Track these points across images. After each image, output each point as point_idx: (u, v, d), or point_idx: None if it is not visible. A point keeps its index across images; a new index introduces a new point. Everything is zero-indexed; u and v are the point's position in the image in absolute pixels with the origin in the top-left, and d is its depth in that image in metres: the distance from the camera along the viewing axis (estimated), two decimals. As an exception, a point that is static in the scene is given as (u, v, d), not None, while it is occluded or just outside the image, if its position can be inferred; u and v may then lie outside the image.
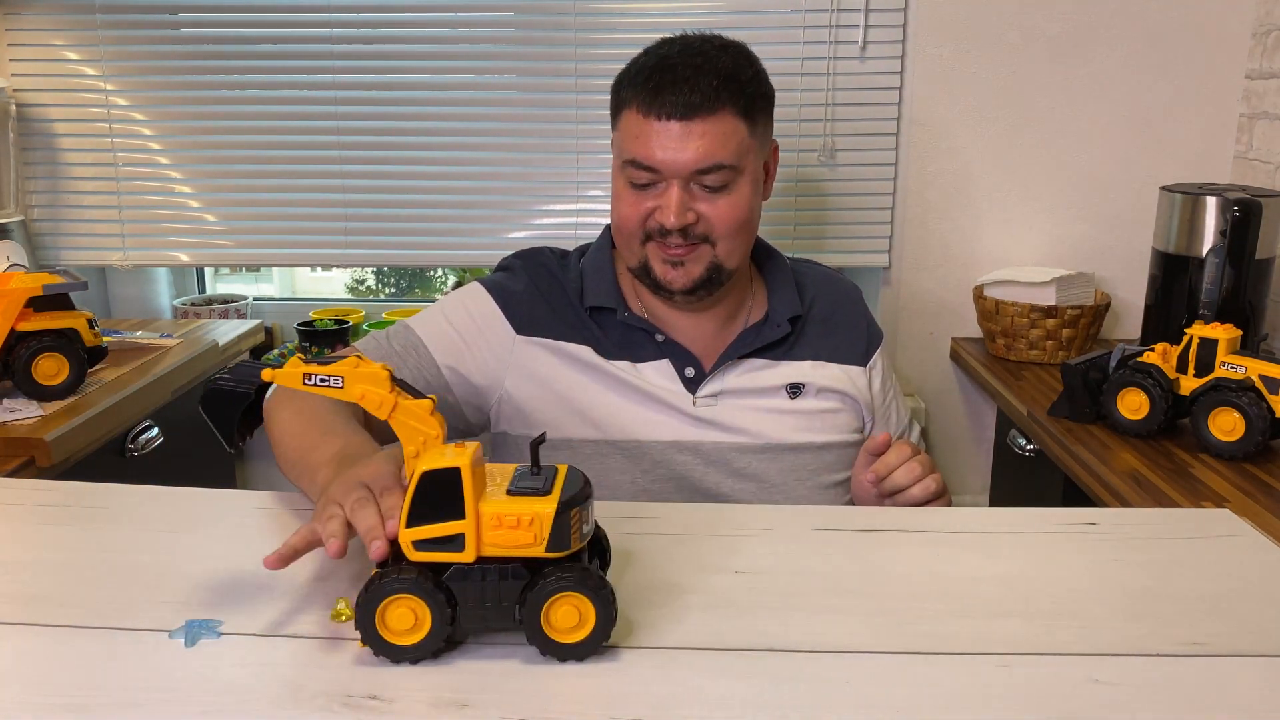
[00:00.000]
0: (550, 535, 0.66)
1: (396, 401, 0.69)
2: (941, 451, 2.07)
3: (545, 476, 0.70)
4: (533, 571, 0.68)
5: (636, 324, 1.22)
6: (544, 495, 0.67)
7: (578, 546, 0.68)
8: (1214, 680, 0.68)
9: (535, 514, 0.66)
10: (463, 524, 0.66)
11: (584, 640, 0.68)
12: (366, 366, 0.70)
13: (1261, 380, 1.28)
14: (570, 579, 0.67)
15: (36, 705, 0.64)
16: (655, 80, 1.12)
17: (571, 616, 0.68)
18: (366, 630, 0.68)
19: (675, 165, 1.12)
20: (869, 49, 1.92)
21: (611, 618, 0.68)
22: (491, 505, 0.67)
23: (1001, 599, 0.79)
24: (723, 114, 1.12)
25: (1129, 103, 1.91)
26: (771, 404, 1.22)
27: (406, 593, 0.67)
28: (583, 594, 0.67)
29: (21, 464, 1.26)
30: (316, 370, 0.70)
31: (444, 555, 0.67)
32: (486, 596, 0.68)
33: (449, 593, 0.68)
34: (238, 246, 2.04)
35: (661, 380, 1.21)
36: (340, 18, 1.94)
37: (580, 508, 0.68)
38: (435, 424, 0.70)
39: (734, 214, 1.15)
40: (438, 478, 0.66)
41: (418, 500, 0.67)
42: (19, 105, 1.97)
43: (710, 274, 1.17)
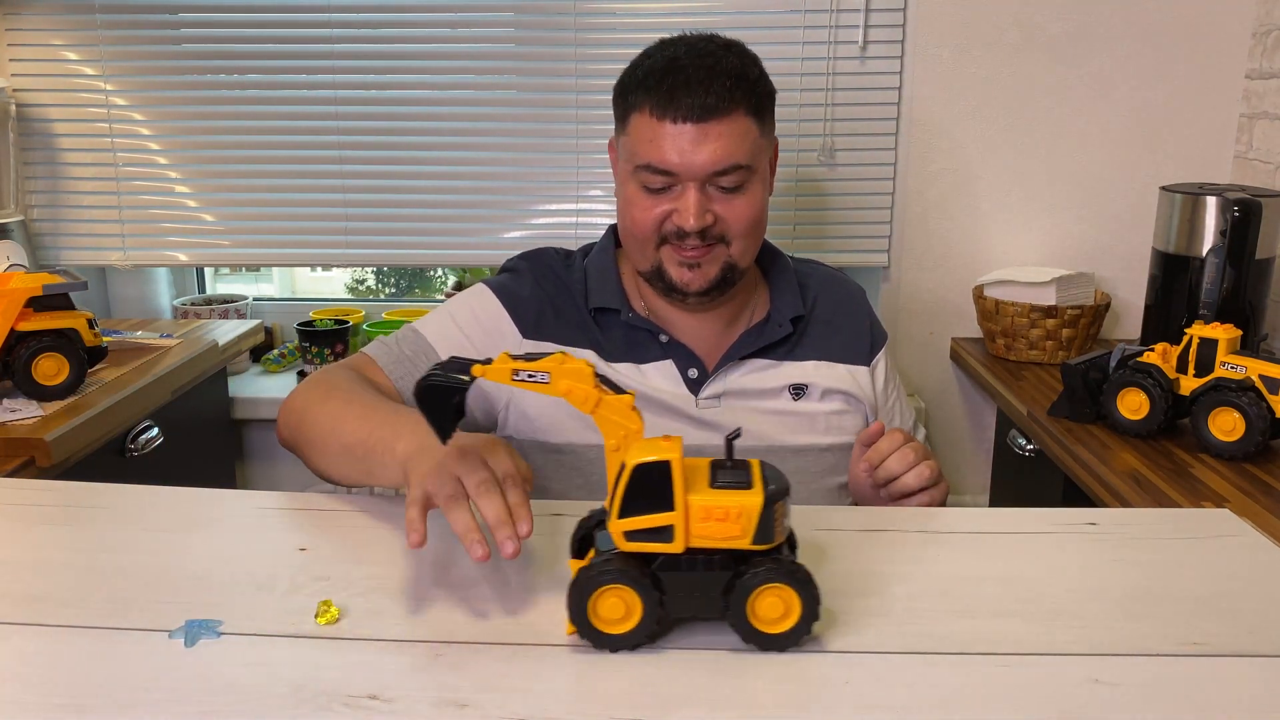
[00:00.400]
0: (757, 528, 0.68)
1: (600, 397, 0.72)
2: (941, 451, 2.07)
3: (743, 470, 0.71)
4: (737, 562, 0.69)
5: (640, 325, 1.22)
6: (749, 489, 0.69)
7: (781, 539, 0.70)
8: (1214, 680, 0.68)
9: (743, 507, 0.68)
10: (673, 516, 0.68)
11: (788, 631, 0.70)
12: (571, 363, 0.73)
13: (1261, 380, 1.28)
14: (777, 571, 0.69)
15: (36, 705, 0.64)
16: (668, 83, 1.12)
17: (777, 608, 0.69)
18: (579, 619, 0.70)
19: (693, 168, 1.12)
20: (869, 49, 1.92)
21: (815, 611, 0.70)
22: (700, 498, 0.68)
23: (1001, 599, 0.79)
24: (736, 115, 1.12)
25: (1129, 103, 1.91)
26: (774, 405, 1.22)
27: (619, 583, 0.69)
28: (789, 585, 0.69)
29: (21, 464, 1.26)
30: (524, 366, 0.73)
31: (654, 546, 0.69)
32: (694, 587, 0.70)
33: (659, 582, 0.69)
34: (237, 246, 2.04)
35: (664, 382, 1.21)
36: (340, 18, 1.94)
37: (783, 501, 0.69)
38: (637, 419, 0.72)
39: (750, 213, 1.15)
40: (649, 470, 0.68)
41: (630, 492, 0.68)
42: (19, 105, 1.97)
43: (725, 274, 1.17)
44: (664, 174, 1.13)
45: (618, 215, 1.22)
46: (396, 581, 0.81)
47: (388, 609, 0.76)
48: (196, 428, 1.81)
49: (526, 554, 0.87)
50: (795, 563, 0.69)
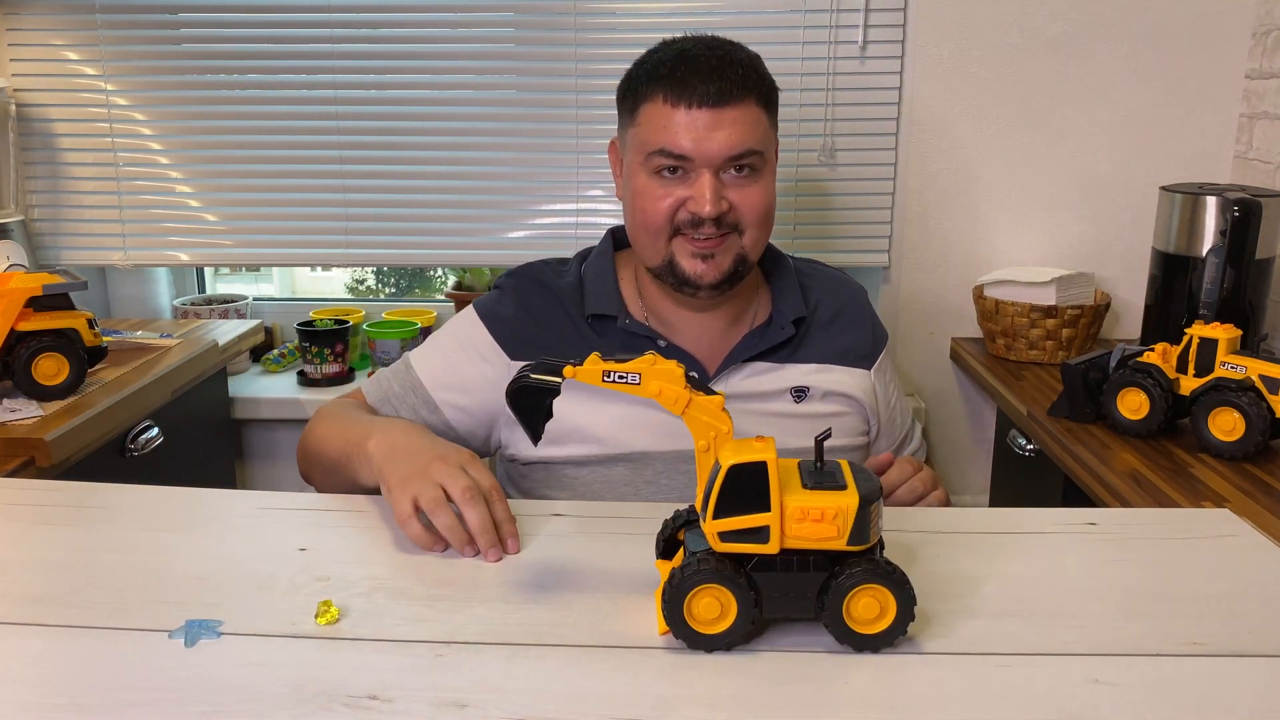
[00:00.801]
0: (853, 528, 0.68)
1: (691, 398, 0.72)
2: (941, 451, 2.07)
3: (835, 471, 0.72)
4: (832, 563, 0.69)
5: (639, 331, 1.22)
6: (842, 490, 0.69)
7: (875, 540, 0.70)
8: (1214, 680, 0.68)
9: (839, 508, 0.68)
10: (768, 516, 0.68)
11: (884, 631, 0.70)
12: (662, 364, 0.73)
13: (1261, 380, 1.28)
14: (874, 572, 0.69)
15: (36, 705, 0.64)
16: (681, 71, 1.12)
17: (872, 608, 0.70)
18: (674, 619, 0.70)
19: (708, 153, 1.12)
20: (869, 49, 1.92)
21: (912, 611, 0.70)
22: (794, 498, 0.69)
23: (1001, 599, 0.79)
24: (748, 102, 1.12)
25: (1129, 103, 1.91)
26: (776, 408, 1.22)
27: (714, 583, 0.69)
28: (885, 587, 0.69)
29: (21, 464, 1.26)
30: (615, 367, 0.74)
31: (749, 546, 0.69)
32: (790, 587, 0.70)
33: (754, 583, 0.69)
34: (238, 246, 2.04)
35: None
36: (340, 18, 1.94)
37: (877, 502, 0.70)
38: (727, 419, 0.72)
39: (763, 201, 1.16)
40: (745, 471, 0.68)
41: (725, 492, 0.69)
42: (19, 105, 1.97)
43: (737, 266, 1.17)
44: (678, 159, 1.13)
45: (625, 211, 1.21)
46: (396, 581, 0.81)
47: (388, 609, 0.76)
48: (196, 428, 1.81)
49: (527, 554, 0.87)
50: (891, 563, 0.70)
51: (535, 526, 0.92)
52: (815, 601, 0.70)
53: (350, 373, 2.08)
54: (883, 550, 0.75)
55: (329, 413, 1.17)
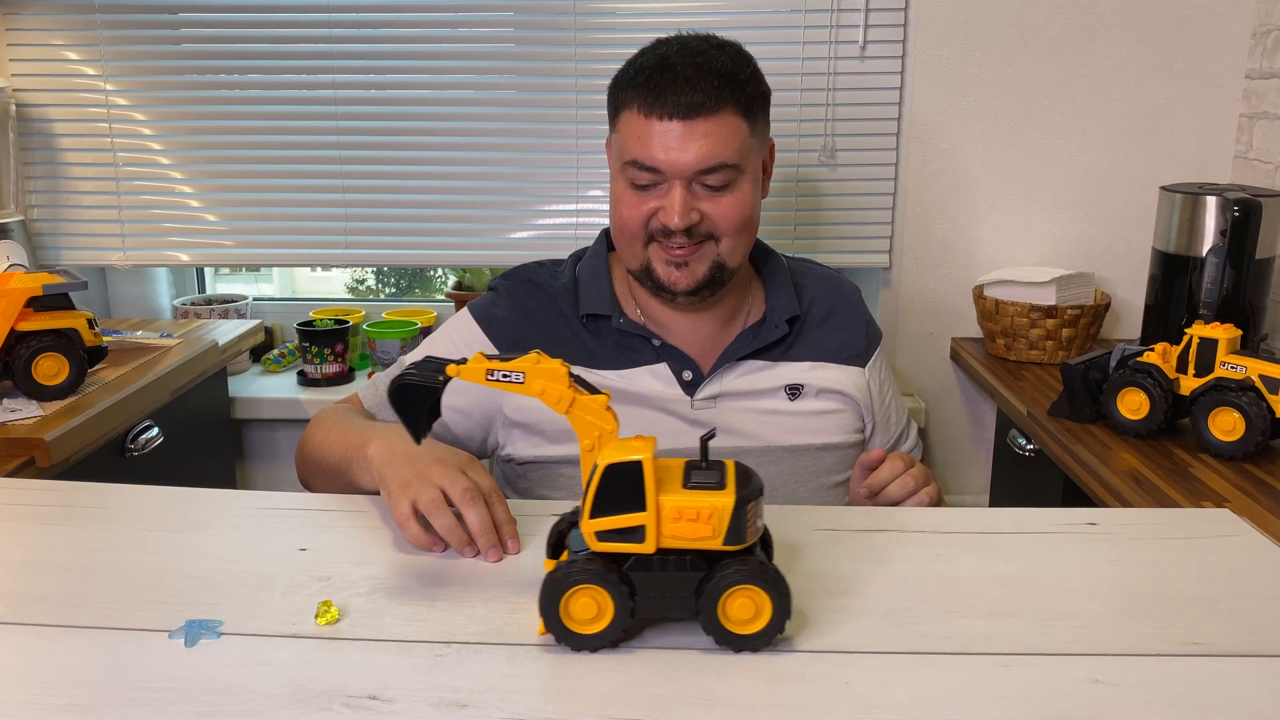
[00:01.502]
0: (729, 528, 0.68)
1: (575, 397, 0.72)
2: (941, 451, 2.07)
3: (717, 471, 0.71)
4: (709, 563, 0.69)
5: (633, 330, 1.22)
6: (721, 489, 0.69)
7: (753, 540, 0.70)
8: (1214, 680, 0.68)
9: (715, 507, 0.68)
10: (644, 516, 0.68)
11: (760, 632, 0.70)
12: (546, 363, 0.73)
13: (1261, 380, 1.28)
14: (747, 572, 0.68)
15: (36, 705, 0.64)
16: (656, 80, 1.12)
17: (748, 609, 0.69)
18: (550, 619, 0.70)
19: (678, 166, 1.12)
20: (869, 49, 1.92)
21: (787, 610, 0.69)
22: (671, 498, 0.68)
23: (1001, 599, 0.79)
24: (724, 113, 1.11)
25: (1129, 103, 1.91)
26: (770, 405, 1.22)
27: (590, 583, 0.69)
28: (759, 587, 0.69)
29: (21, 464, 1.26)
30: (499, 366, 0.73)
31: (625, 546, 0.69)
32: (666, 587, 0.70)
33: (630, 583, 0.69)
34: (238, 246, 2.04)
35: (659, 385, 1.20)
36: (340, 18, 1.94)
37: (755, 502, 0.69)
38: (611, 419, 0.72)
39: (738, 212, 1.15)
40: (621, 470, 0.68)
41: (601, 492, 0.68)
42: (19, 105, 1.97)
43: (713, 274, 1.17)
44: (650, 171, 1.13)
45: (610, 213, 1.22)
46: (396, 581, 0.81)
47: (388, 609, 0.76)
48: (196, 428, 1.81)
49: (528, 554, 0.87)
50: (766, 563, 0.69)
51: (535, 526, 0.92)
52: (691, 601, 0.69)
53: (350, 373, 2.08)
54: (769, 550, 0.76)
55: (327, 419, 1.17)
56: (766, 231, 1.27)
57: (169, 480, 1.04)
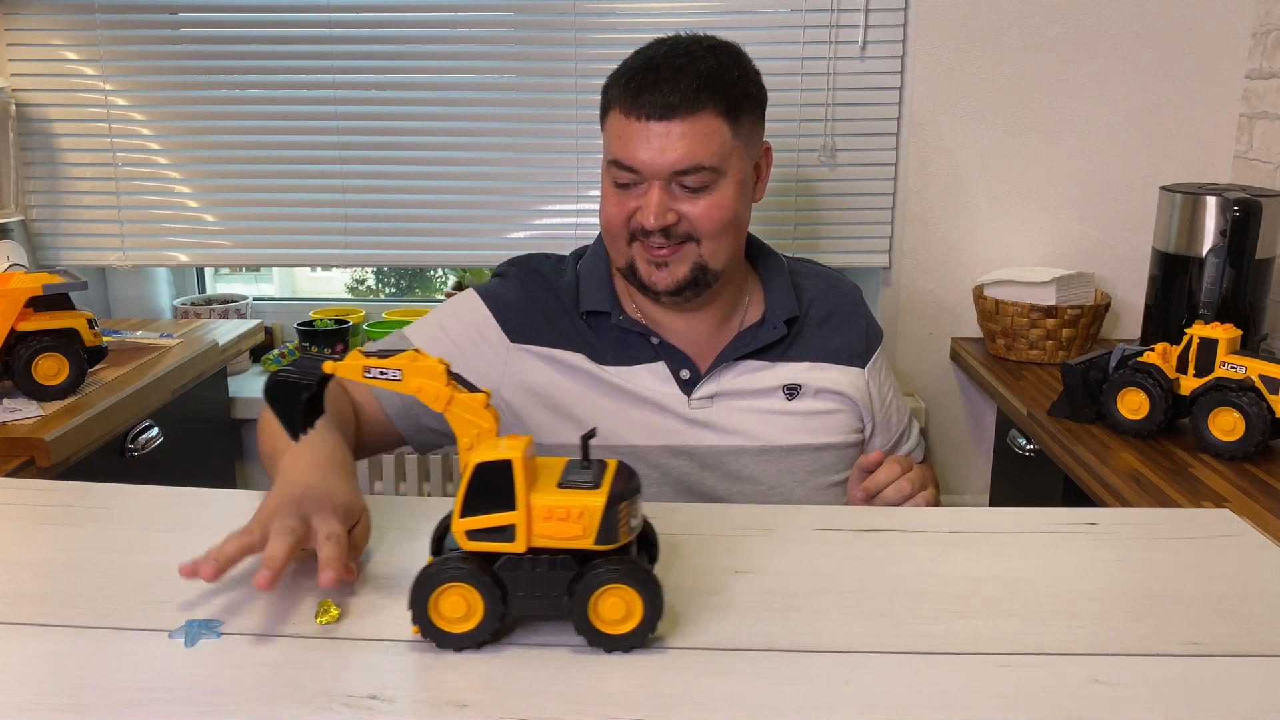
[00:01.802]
0: (599, 528, 0.68)
1: (453, 395, 0.71)
2: (941, 451, 2.07)
3: (595, 470, 0.71)
4: (582, 563, 0.69)
5: (632, 327, 1.22)
6: (594, 489, 0.68)
7: (626, 540, 0.69)
8: (1214, 680, 0.68)
9: (585, 507, 0.68)
10: (514, 515, 0.68)
11: (631, 632, 0.69)
12: (424, 360, 0.72)
13: (1261, 380, 1.28)
14: (617, 571, 0.68)
15: (36, 705, 0.64)
16: (638, 81, 1.12)
17: (619, 608, 0.69)
18: (420, 617, 0.69)
19: (655, 166, 1.12)
20: (869, 49, 1.92)
21: (658, 610, 0.69)
22: (542, 497, 0.68)
23: (1001, 599, 0.79)
24: (703, 115, 1.11)
25: (1129, 103, 1.91)
26: (768, 405, 1.22)
27: (459, 581, 0.68)
28: (630, 586, 0.68)
29: (21, 464, 1.26)
30: (375, 363, 0.72)
31: (496, 545, 0.69)
32: (536, 586, 0.69)
33: (500, 582, 0.69)
34: (237, 246, 2.04)
35: (657, 383, 1.20)
36: (340, 18, 1.94)
37: (629, 501, 0.69)
38: (489, 417, 0.71)
39: (717, 214, 1.14)
40: (491, 469, 0.68)
41: (471, 491, 0.68)
42: (19, 105, 1.97)
43: (695, 275, 1.17)
44: (630, 170, 1.14)
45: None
46: (396, 581, 0.81)
47: (388, 609, 0.76)
48: (196, 428, 1.81)
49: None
50: (637, 563, 0.69)
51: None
52: (563, 601, 0.69)
53: (350, 373, 2.08)
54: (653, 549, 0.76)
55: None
56: (766, 231, 1.27)
57: (169, 480, 1.04)
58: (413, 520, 0.92)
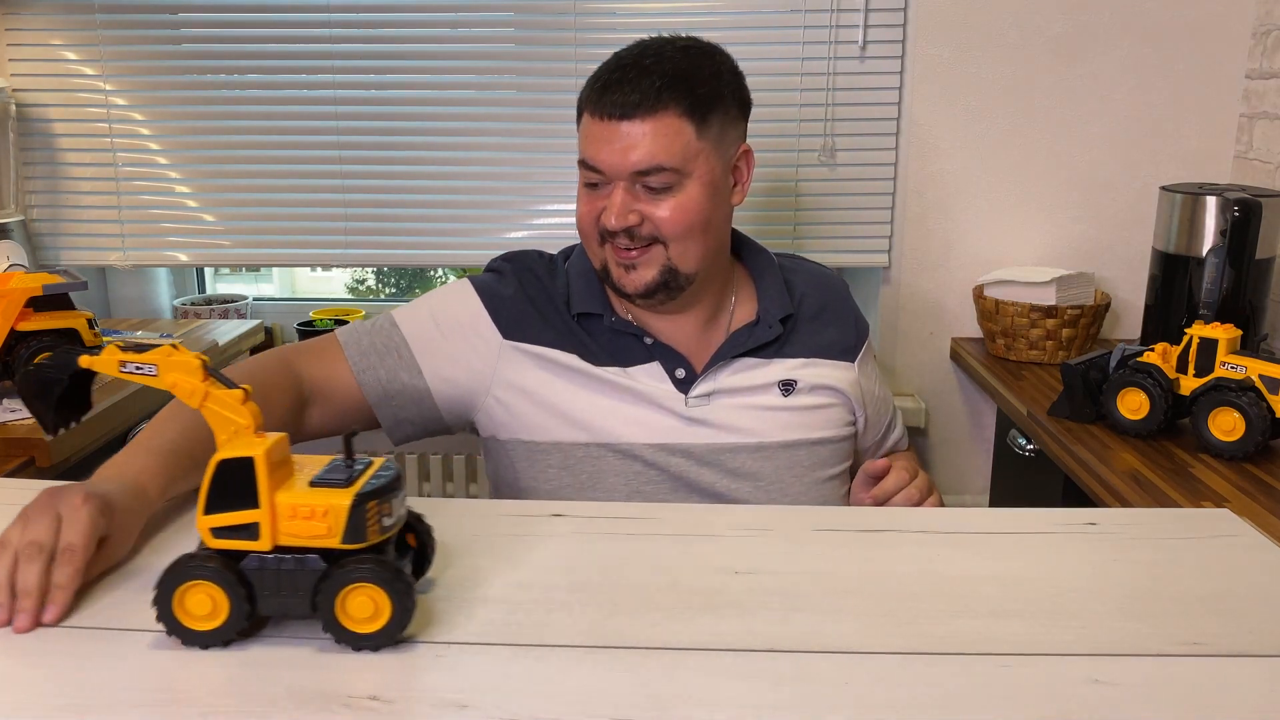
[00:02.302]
0: (345, 527, 0.67)
1: (208, 391, 0.70)
2: (941, 451, 2.07)
3: (355, 469, 0.70)
4: (330, 562, 0.68)
5: (624, 329, 1.21)
6: (344, 487, 0.68)
7: (375, 539, 0.68)
8: (1214, 680, 0.68)
9: (330, 506, 0.67)
10: (258, 513, 0.67)
11: (379, 631, 0.68)
12: (181, 355, 0.71)
13: (1261, 380, 1.28)
14: (364, 570, 0.67)
15: (36, 705, 0.64)
16: (604, 80, 1.13)
17: (367, 607, 0.68)
18: (165, 615, 0.69)
19: (617, 166, 1.12)
20: (869, 49, 1.92)
21: (407, 609, 0.68)
22: (289, 495, 0.67)
23: (1001, 599, 0.79)
24: (665, 115, 1.11)
25: (1129, 103, 1.91)
26: (764, 401, 1.22)
27: (204, 579, 0.68)
28: (377, 585, 0.67)
29: (21, 464, 1.26)
30: (131, 358, 0.71)
31: (241, 543, 0.68)
32: (283, 585, 0.69)
33: (246, 580, 0.68)
34: (237, 246, 2.05)
35: (652, 382, 1.20)
36: (340, 18, 1.94)
37: (380, 501, 0.68)
38: (246, 414, 0.70)
39: (681, 217, 1.13)
40: (233, 466, 0.67)
41: (214, 488, 0.68)
42: (19, 105, 1.97)
43: (665, 278, 1.16)
44: (595, 171, 1.14)
45: None
46: (396, 581, 0.81)
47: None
48: (196, 428, 1.81)
49: (528, 554, 0.87)
50: (385, 562, 0.68)
51: (535, 526, 0.92)
52: (310, 599, 0.68)
53: (350, 373, 2.08)
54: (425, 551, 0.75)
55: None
56: (766, 231, 1.27)
57: (169, 480, 1.03)
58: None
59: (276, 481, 0.68)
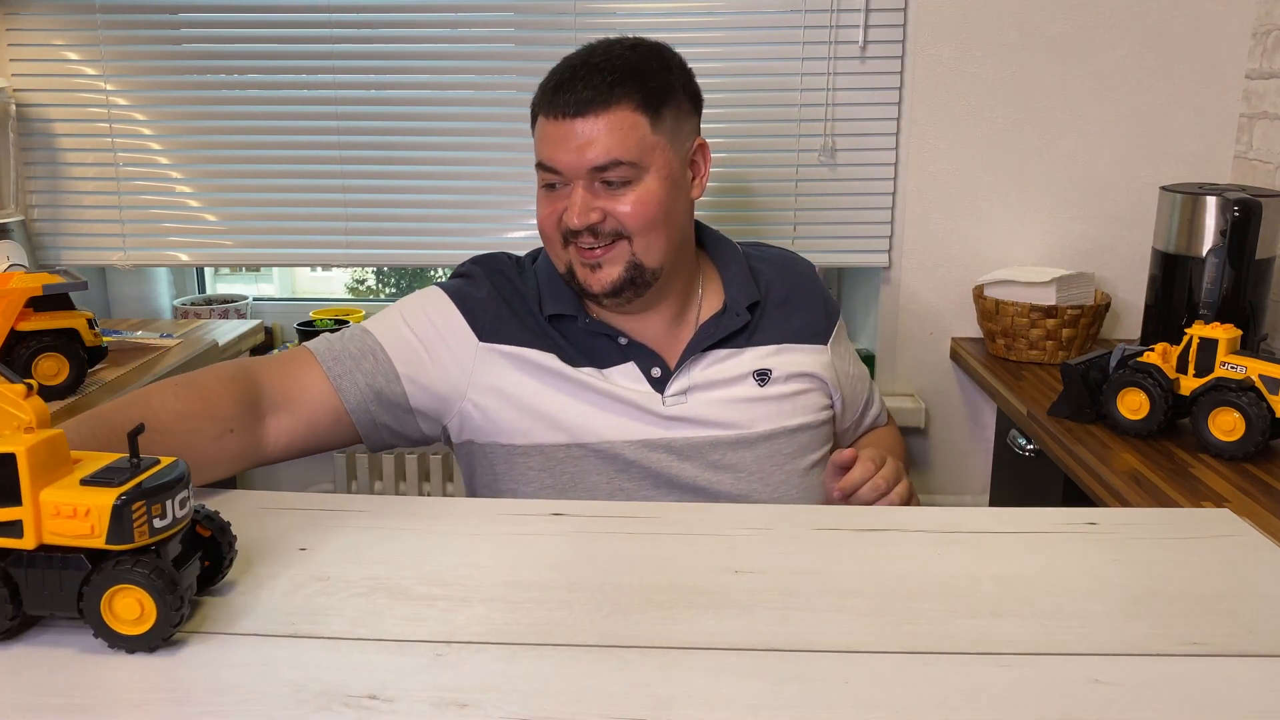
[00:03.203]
0: (109, 527, 0.66)
1: None
2: (941, 451, 2.07)
3: (136, 467, 0.69)
4: (96, 562, 0.67)
5: (599, 329, 1.21)
6: (113, 486, 0.66)
7: (143, 541, 0.67)
8: (1214, 680, 0.68)
9: (93, 505, 0.66)
10: (20, 510, 0.66)
11: (146, 633, 0.68)
12: None
13: (1261, 380, 1.28)
14: (124, 571, 0.66)
15: (35, 705, 0.64)
16: (555, 80, 1.13)
17: (134, 609, 0.67)
18: None
19: (574, 165, 1.12)
20: (869, 49, 1.92)
21: (173, 610, 0.67)
22: (55, 494, 0.66)
23: (1001, 599, 0.79)
24: (618, 109, 1.11)
25: (1129, 103, 1.91)
26: (740, 393, 1.21)
27: None
28: (142, 587, 0.66)
29: (21, 464, 1.26)
30: None
31: (5, 541, 0.67)
32: (47, 584, 0.68)
33: (10, 578, 0.68)
34: (238, 246, 2.05)
35: (629, 383, 1.19)
36: (340, 18, 1.94)
37: (150, 501, 0.67)
38: (28, 409, 0.69)
39: (642, 210, 1.13)
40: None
41: None
42: (19, 105, 1.97)
43: (631, 274, 1.16)
44: (553, 171, 1.14)
45: None
46: (396, 581, 0.81)
47: (388, 609, 0.76)
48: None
49: (528, 554, 0.87)
50: (151, 564, 0.66)
51: (535, 526, 0.92)
52: (76, 600, 0.67)
53: (350, 373, 2.08)
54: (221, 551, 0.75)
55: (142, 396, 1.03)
56: (767, 231, 1.27)
57: (169, 480, 1.03)
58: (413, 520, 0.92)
59: (46, 479, 0.67)
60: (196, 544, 0.74)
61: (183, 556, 0.72)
